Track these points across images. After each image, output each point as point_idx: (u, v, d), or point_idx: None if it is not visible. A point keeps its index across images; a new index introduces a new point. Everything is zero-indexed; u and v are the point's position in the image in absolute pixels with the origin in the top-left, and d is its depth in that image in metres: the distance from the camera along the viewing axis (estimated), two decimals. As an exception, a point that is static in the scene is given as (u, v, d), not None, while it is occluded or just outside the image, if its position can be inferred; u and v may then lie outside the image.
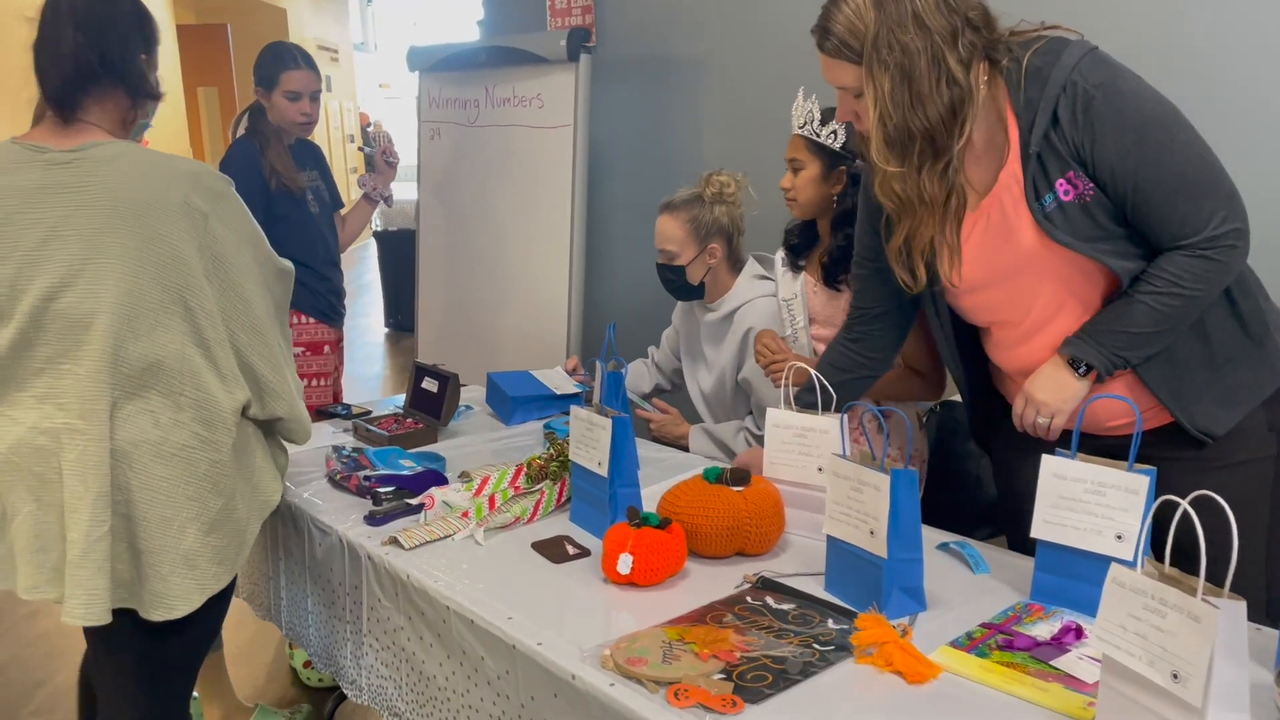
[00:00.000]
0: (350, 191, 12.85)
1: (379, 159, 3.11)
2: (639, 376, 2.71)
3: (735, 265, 2.44)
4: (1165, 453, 1.55)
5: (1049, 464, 1.43)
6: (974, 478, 2.26)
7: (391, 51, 18.34)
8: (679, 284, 2.42)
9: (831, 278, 2.12)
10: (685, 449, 2.45)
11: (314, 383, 2.93)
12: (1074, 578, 1.42)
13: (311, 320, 2.91)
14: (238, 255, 1.58)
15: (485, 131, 3.48)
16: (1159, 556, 1.10)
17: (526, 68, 3.31)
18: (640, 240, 3.54)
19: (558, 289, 3.31)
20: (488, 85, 3.44)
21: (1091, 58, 1.44)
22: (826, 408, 1.71)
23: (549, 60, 3.23)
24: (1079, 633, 1.33)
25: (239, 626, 3.12)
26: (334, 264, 2.99)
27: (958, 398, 2.42)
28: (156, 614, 1.53)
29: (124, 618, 1.54)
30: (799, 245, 2.24)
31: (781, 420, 1.75)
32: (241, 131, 2.86)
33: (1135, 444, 1.37)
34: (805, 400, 1.77)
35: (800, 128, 2.07)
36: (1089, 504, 1.39)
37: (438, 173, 3.67)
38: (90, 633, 1.63)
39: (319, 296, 2.92)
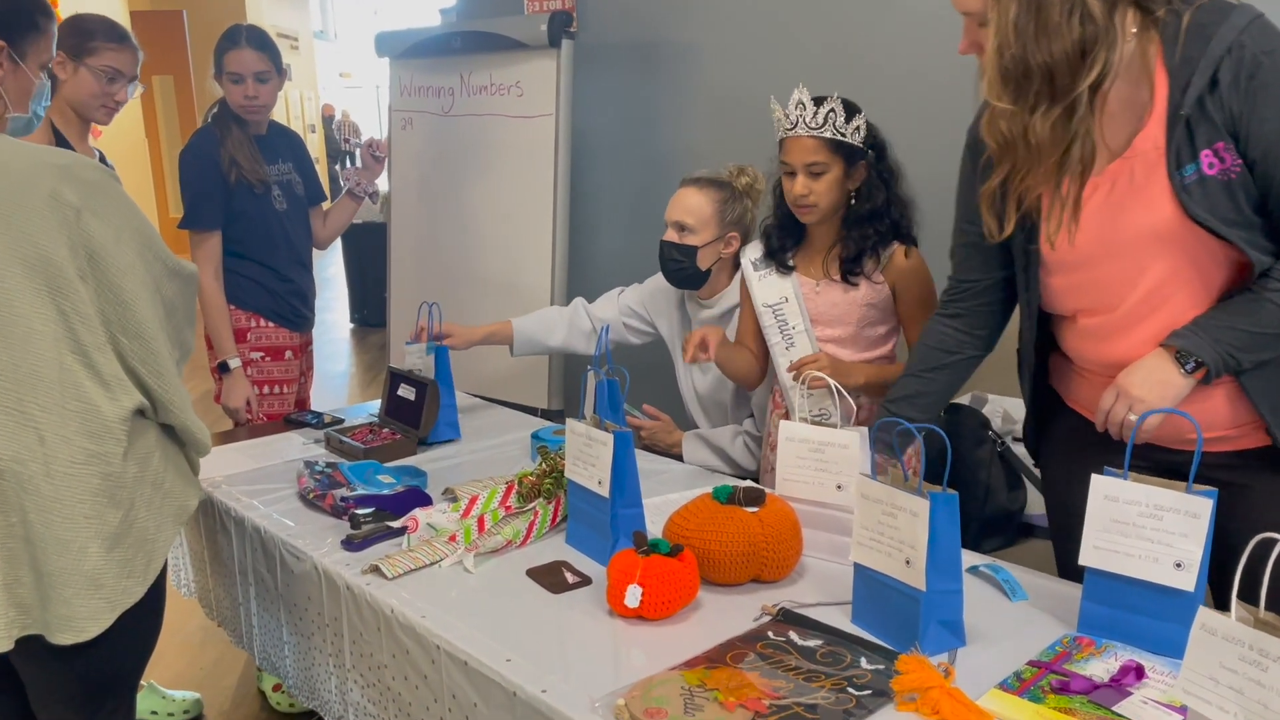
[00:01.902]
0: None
1: (365, 154, 2.93)
2: (549, 327, 2.53)
3: (735, 265, 2.31)
4: (1255, 479, 1.43)
5: (1099, 485, 1.31)
6: (984, 487, 2.13)
7: (352, 40, 18.04)
8: (686, 267, 2.25)
9: (850, 273, 2.00)
10: (678, 458, 2.32)
11: (275, 389, 2.75)
12: (1126, 609, 1.31)
13: (270, 324, 2.73)
14: (116, 252, 1.42)
15: (461, 121, 3.31)
16: (1221, 592, 0.99)
17: (504, 54, 3.15)
18: (627, 235, 3.42)
19: (539, 288, 3.16)
20: (463, 72, 3.27)
21: (1261, 23, 1.30)
22: (846, 419, 1.59)
23: (528, 46, 3.08)
24: (1140, 672, 1.21)
25: (203, 647, 2.96)
26: (301, 264, 2.81)
27: (963, 400, 2.30)
28: (65, 637, 1.41)
29: (40, 640, 1.42)
30: (786, 244, 2.09)
31: (796, 434, 1.63)
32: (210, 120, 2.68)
33: (1196, 462, 1.26)
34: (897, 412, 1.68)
35: (818, 129, 1.91)
36: (1144, 529, 1.28)
37: (410, 164, 3.51)
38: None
39: (279, 299, 2.74)
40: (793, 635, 1.36)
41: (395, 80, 3.50)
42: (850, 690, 1.21)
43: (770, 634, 1.36)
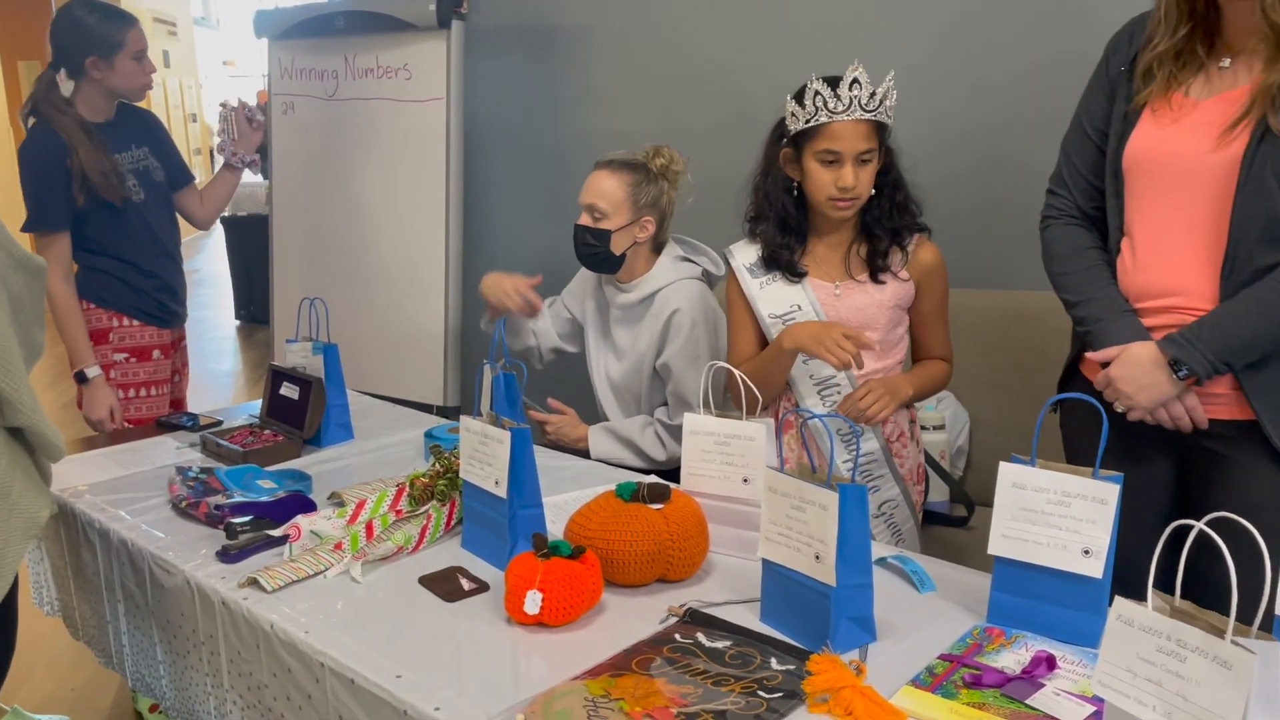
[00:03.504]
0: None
1: (238, 118, 2.73)
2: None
3: (656, 249, 2.26)
4: (1235, 450, 1.48)
5: (1006, 472, 1.29)
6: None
7: (235, 27, 17.39)
8: (599, 251, 2.19)
9: (880, 270, 1.84)
10: (585, 453, 2.25)
11: (144, 392, 2.58)
12: (1034, 597, 1.29)
13: (135, 323, 2.56)
14: None
15: (346, 105, 3.16)
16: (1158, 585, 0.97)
17: (392, 35, 3.02)
18: (525, 226, 3.32)
19: (433, 280, 3.04)
20: (347, 54, 3.13)
21: None
22: (751, 410, 1.54)
23: (417, 26, 2.95)
24: (1051, 663, 1.19)
25: (74, 667, 2.76)
26: (167, 256, 2.64)
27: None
28: None
29: None
30: (791, 245, 1.86)
31: (700, 426, 1.57)
32: (32, 121, 2.47)
33: (1101, 449, 1.24)
34: None
35: (873, 111, 1.73)
36: (1052, 516, 1.26)
37: (293, 151, 3.34)
38: None
39: (143, 296, 2.57)
40: (700, 637, 1.30)
41: (275, 62, 3.32)
42: (761, 694, 1.16)
43: (677, 636, 1.31)
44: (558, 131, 3.17)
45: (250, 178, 3.12)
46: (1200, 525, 0.90)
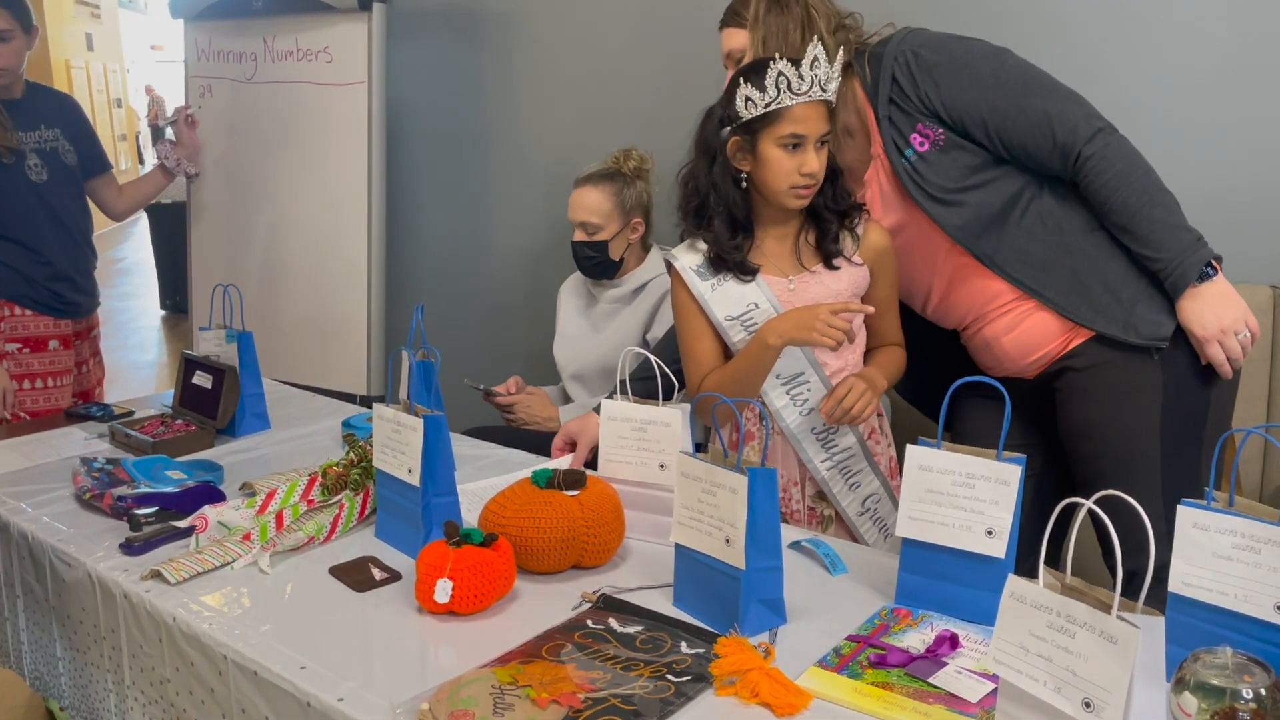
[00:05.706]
0: (120, 161, 11.76)
1: (181, 126, 2.74)
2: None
3: (644, 245, 2.39)
4: (1096, 361, 1.67)
5: (913, 455, 1.31)
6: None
7: (162, 9, 16.97)
8: (600, 260, 2.31)
9: (833, 255, 1.74)
10: (546, 435, 2.25)
11: (40, 383, 2.50)
12: (940, 578, 1.31)
13: (28, 312, 2.49)
14: None
15: (266, 88, 3.10)
16: (1052, 560, 0.98)
17: (311, 17, 2.96)
18: (449, 214, 3.28)
19: (355, 268, 2.99)
20: (266, 36, 3.06)
21: (911, 31, 1.71)
22: (668, 396, 1.54)
23: (337, 9, 2.91)
24: (954, 642, 1.21)
25: (-20, 667, 2.67)
26: (72, 243, 2.56)
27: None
28: None
29: None
30: (741, 243, 1.73)
31: (617, 412, 1.57)
32: None
33: (1004, 431, 1.26)
34: None
35: (830, 91, 1.63)
36: (957, 497, 1.28)
37: (211, 135, 3.25)
38: None
39: (36, 285, 2.49)
40: (612, 622, 1.30)
41: (192, 44, 3.24)
42: (669, 678, 1.16)
43: (589, 622, 1.30)
44: (482, 118, 3.14)
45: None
46: (1089, 504, 0.92)
